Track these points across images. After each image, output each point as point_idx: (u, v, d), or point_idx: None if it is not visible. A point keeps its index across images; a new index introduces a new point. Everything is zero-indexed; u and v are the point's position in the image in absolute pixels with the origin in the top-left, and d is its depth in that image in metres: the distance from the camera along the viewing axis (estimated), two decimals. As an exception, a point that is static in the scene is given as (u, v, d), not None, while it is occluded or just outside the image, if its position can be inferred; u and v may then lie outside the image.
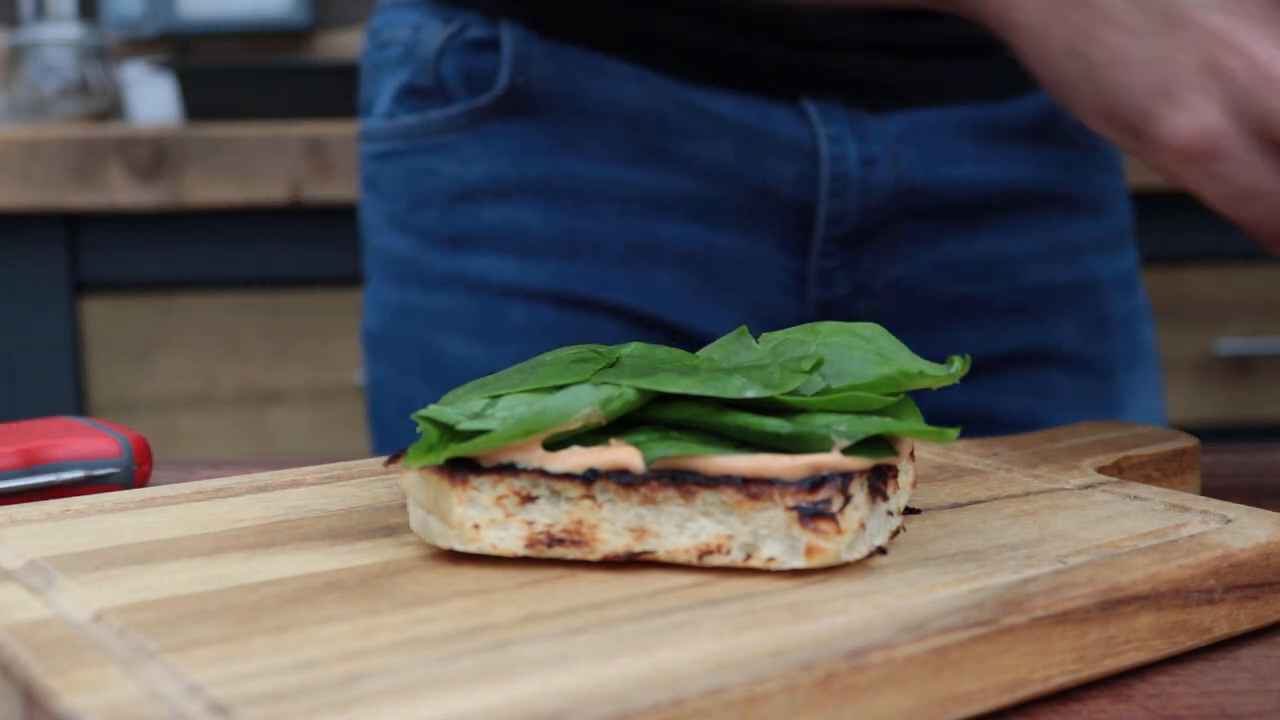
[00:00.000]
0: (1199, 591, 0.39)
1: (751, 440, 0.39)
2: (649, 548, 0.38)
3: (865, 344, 0.43)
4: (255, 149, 1.46)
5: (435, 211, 0.76)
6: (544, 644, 0.33)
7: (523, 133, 0.74)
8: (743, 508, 0.37)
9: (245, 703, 0.29)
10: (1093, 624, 0.36)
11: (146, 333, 1.52)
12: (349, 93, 1.57)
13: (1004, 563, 0.38)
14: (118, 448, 0.52)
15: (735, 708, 0.30)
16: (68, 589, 0.36)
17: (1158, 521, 0.42)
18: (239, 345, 1.53)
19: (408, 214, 0.77)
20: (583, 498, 0.38)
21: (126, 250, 1.51)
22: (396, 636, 0.33)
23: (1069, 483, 0.47)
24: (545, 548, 0.38)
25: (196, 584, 0.37)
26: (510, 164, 0.74)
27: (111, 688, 0.30)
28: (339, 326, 1.54)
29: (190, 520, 0.42)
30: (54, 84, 1.68)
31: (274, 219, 1.51)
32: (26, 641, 0.32)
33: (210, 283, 1.53)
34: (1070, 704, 0.36)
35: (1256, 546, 0.40)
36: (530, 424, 0.38)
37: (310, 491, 0.46)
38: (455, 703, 0.29)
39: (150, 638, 0.33)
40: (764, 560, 0.37)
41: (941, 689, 0.33)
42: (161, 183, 1.46)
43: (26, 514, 0.43)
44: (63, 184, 1.44)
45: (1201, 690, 0.37)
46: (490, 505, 0.38)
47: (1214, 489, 0.55)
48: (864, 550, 0.38)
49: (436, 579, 0.37)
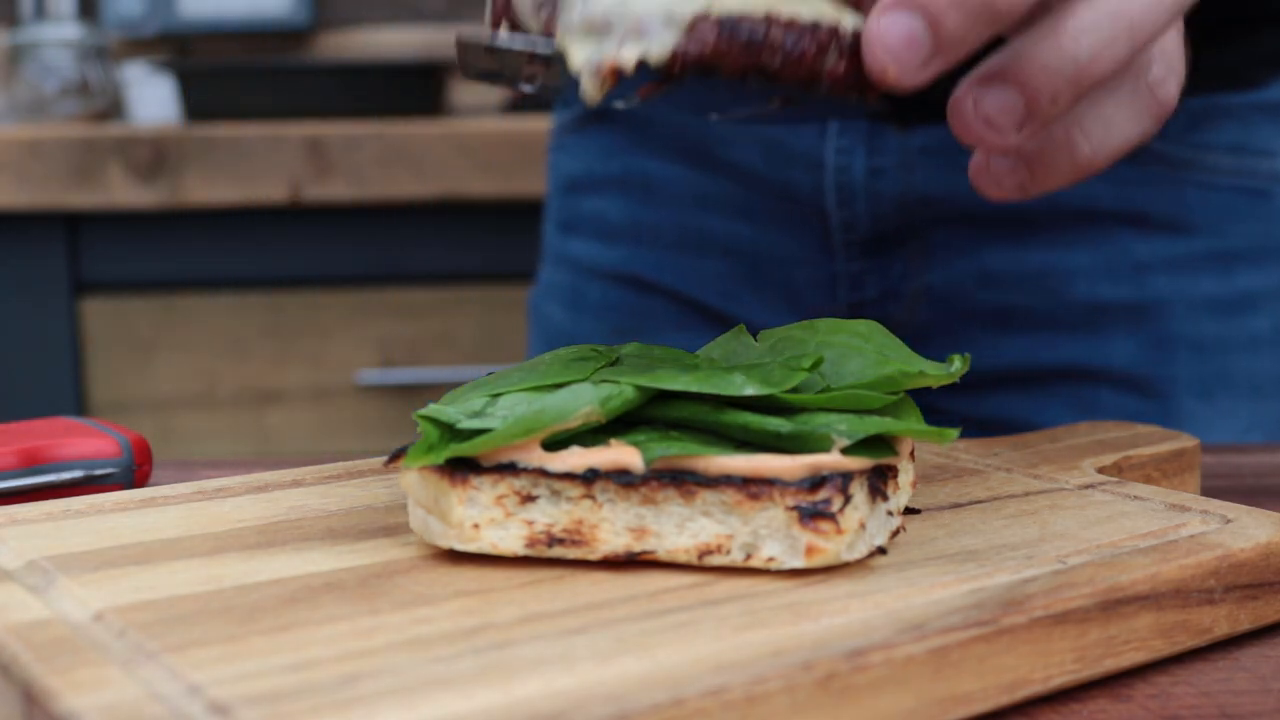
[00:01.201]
0: (1199, 591, 0.39)
1: (751, 439, 0.39)
2: (649, 548, 0.38)
3: (865, 343, 0.43)
4: (255, 149, 1.46)
5: (557, 201, 0.90)
6: (544, 644, 0.33)
7: (609, 135, 0.85)
8: (743, 508, 0.37)
9: (245, 703, 0.29)
10: (1093, 624, 0.36)
11: (146, 333, 1.52)
12: (349, 93, 1.57)
13: (1004, 563, 0.38)
14: (118, 448, 0.52)
15: (735, 708, 0.30)
16: (68, 589, 0.36)
17: (1158, 521, 0.42)
18: (239, 345, 1.53)
19: (549, 203, 0.91)
20: (583, 497, 0.38)
21: (126, 250, 1.51)
22: (396, 636, 0.33)
23: (1069, 483, 0.47)
24: (545, 547, 0.38)
25: (196, 584, 0.37)
26: (599, 162, 0.86)
27: (111, 688, 0.30)
28: (339, 326, 1.54)
29: (190, 520, 0.42)
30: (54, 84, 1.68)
31: (274, 219, 1.51)
32: (26, 641, 0.32)
33: (210, 283, 1.53)
34: (1070, 704, 0.36)
35: (1256, 546, 0.40)
36: (530, 422, 0.38)
37: (310, 491, 0.46)
38: (455, 703, 0.29)
39: (150, 638, 0.33)
40: (764, 560, 0.37)
41: (941, 689, 0.33)
42: (161, 183, 1.46)
43: (26, 514, 0.43)
44: (63, 184, 1.44)
45: (1201, 690, 0.37)
46: (490, 505, 0.38)
47: (1214, 489, 0.55)
48: (864, 550, 0.38)
49: (436, 579, 0.37)
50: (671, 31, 0.38)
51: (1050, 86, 0.40)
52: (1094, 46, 0.39)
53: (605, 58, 0.38)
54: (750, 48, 0.38)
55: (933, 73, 0.39)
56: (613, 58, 0.38)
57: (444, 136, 1.48)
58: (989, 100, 0.40)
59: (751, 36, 0.38)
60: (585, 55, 0.38)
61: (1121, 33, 0.40)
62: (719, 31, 0.38)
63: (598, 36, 0.38)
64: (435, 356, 1.55)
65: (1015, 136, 0.40)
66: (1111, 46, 0.40)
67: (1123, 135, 0.44)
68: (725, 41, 0.38)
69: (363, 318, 1.54)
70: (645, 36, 0.38)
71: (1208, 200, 0.76)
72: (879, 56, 0.39)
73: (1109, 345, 0.77)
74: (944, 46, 0.39)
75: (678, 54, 0.38)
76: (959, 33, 0.38)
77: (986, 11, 0.38)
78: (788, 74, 0.39)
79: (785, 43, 0.38)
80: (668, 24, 0.38)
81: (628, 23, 0.38)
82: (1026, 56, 0.40)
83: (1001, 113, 0.40)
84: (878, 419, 0.39)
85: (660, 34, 0.38)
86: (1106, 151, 0.43)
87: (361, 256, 1.53)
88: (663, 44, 0.38)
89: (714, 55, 0.38)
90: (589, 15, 0.38)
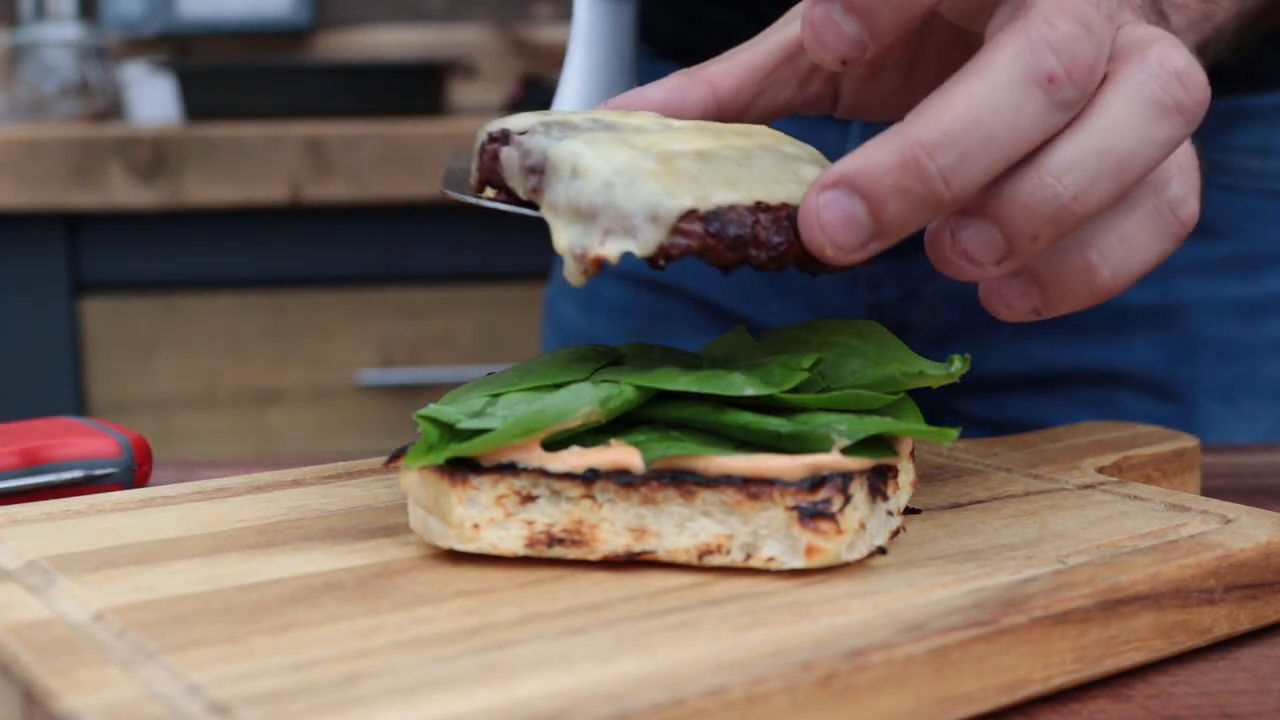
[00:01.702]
0: (1199, 591, 0.39)
1: (751, 439, 0.39)
2: (649, 548, 0.38)
3: (864, 343, 0.43)
4: (255, 149, 1.46)
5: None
6: (544, 644, 0.33)
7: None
8: (743, 508, 0.37)
9: (245, 703, 0.29)
10: (1093, 624, 0.36)
11: (146, 333, 1.52)
12: (349, 93, 1.57)
13: (1004, 563, 0.38)
14: (118, 448, 0.52)
15: (735, 708, 0.30)
16: (68, 589, 0.36)
17: (1158, 521, 0.42)
18: (239, 345, 1.53)
19: None
20: (583, 497, 0.38)
21: (126, 250, 1.51)
22: (396, 636, 0.33)
23: (1069, 483, 0.47)
24: (545, 547, 0.38)
25: (196, 584, 0.37)
26: None
27: (111, 688, 0.30)
28: (339, 326, 1.54)
29: (190, 520, 0.42)
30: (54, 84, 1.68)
31: (274, 219, 1.51)
32: (26, 641, 0.32)
33: (210, 283, 1.53)
34: (1070, 704, 0.36)
35: (1256, 546, 0.40)
36: (530, 423, 0.38)
37: (310, 491, 0.46)
38: (455, 703, 0.29)
39: (150, 638, 0.33)
40: (764, 560, 0.37)
41: (941, 689, 0.33)
42: (161, 183, 1.46)
43: (26, 514, 0.43)
44: (63, 184, 1.44)
45: (1201, 690, 0.37)
46: (490, 505, 0.38)
47: (1214, 489, 0.55)
48: (864, 550, 0.38)
49: (436, 579, 0.37)
50: (657, 229, 0.37)
51: (1031, 225, 0.38)
52: (1078, 184, 0.37)
53: (589, 249, 0.37)
54: (736, 244, 0.38)
55: (872, 253, 0.38)
56: (597, 250, 0.37)
57: (444, 136, 1.47)
58: (967, 235, 0.38)
59: (738, 234, 0.37)
60: (569, 241, 0.38)
61: (1108, 171, 0.37)
62: (705, 228, 0.37)
63: (583, 223, 0.38)
64: (435, 356, 1.55)
65: (996, 271, 0.39)
66: (1096, 184, 0.37)
67: (1143, 258, 0.41)
68: (711, 238, 0.37)
69: (363, 318, 1.54)
70: (630, 233, 0.37)
71: (1232, 203, 0.75)
72: (816, 236, 0.37)
73: (1131, 348, 0.76)
74: (884, 232, 0.37)
75: (663, 249, 0.37)
76: (900, 219, 0.37)
77: (930, 200, 0.36)
78: (773, 265, 0.38)
79: (771, 239, 0.38)
80: (653, 221, 0.37)
81: (613, 217, 0.37)
82: (1007, 194, 0.37)
83: (980, 248, 0.38)
84: (878, 419, 0.39)
85: (645, 231, 0.37)
86: (1127, 275, 0.40)
87: (361, 256, 1.53)
88: (647, 241, 0.37)
89: (700, 250, 0.37)
90: (575, 201, 0.38)
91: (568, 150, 0.38)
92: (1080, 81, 0.37)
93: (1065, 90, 0.36)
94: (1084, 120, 0.37)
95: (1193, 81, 0.38)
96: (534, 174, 0.40)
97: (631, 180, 0.37)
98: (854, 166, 0.36)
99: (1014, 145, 0.36)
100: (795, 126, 0.76)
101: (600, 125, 0.40)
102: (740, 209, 0.38)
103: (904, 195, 0.36)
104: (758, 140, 0.41)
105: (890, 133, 0.36)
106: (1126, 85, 0.38)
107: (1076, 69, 0.36)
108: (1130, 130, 0.37)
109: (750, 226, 0.38)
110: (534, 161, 0.40)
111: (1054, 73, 0.36)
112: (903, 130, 0.36)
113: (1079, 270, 0.40)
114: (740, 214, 0.38)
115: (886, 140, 0.36)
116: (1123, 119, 0.37)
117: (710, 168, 0.38)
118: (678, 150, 0.39)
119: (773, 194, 0.38)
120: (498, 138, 0.41)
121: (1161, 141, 0.38)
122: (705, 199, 0.37)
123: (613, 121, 0.41)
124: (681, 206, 0.37)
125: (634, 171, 0.37)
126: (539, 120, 0.41)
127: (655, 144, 0.39)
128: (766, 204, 0.38)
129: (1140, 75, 0.38)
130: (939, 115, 0.36)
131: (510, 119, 0.41)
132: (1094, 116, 0.37)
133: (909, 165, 0.36)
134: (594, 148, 0.38)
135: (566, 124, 0.40)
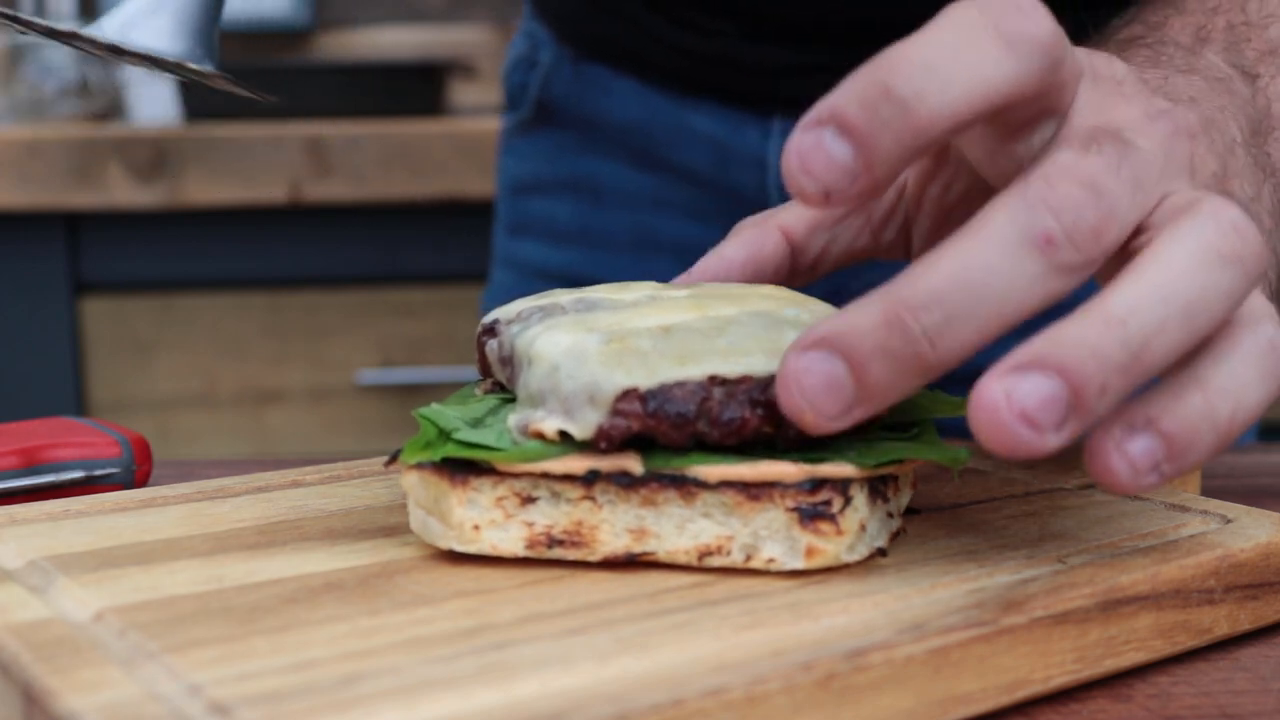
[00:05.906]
0: (1199, 591, 0.39)
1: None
2: (649, 549, 0.38)
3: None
4: (255, 149, 1.46)
5: (506, 203, 0.91)
6: (544, 644, 0.33)
7: (556, 139, 0.87)
8: (743, 509, 0.37)
9: (245, 703, 0.29)
10: (1093, 624, 0.36)
11: (146, 333, 1.52)
12: (349, 93, 1.57)
13: (1004, 563, 0.38)
14: (118, 448, 0.52)
15: (735, 708, 0.30)
16: (68, 589, 0.36)
17: (1158, 521, 0.42)
18: (239, 345, 1.53)
19: (498, 205, 0.93)
20: (583, 499, 0.38)
21: (126, 250, 1.51)
22: (396, 636, 0.33)
23: (1069, 483, 0.47)
24: (545, 549, 0.38)
25: (196, 584, 0.37)
26: (547, 164, 0.87)
27: (111, 688, 0.30)
28: (339, 326, 1.54)
29: (190, 520, 0.42)
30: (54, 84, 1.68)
31: (274, 219, 1.51)
32: (26, 641, 0.32)
33: (210, 283, 1.53)
34: (1070, 704, 0.36)
35: (1256, 546, 0.40)
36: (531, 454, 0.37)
37: (310, 491, 0.46)
38: (455, 703, 0.29)
39: (150, 638, 0.33)
40: (764, 561, 0.37)
41: (941, 689, 0.33)
42: (161, 183, 1.46)
43: (26, 514, 0.43)
44: (63, 184, 1.44)
45: (1201, 690, 0.37)
46: (490, 506, 0.38)
47: (1214, 489, 0.55)
48: (864, 551, 0.38)
49: (436, 579, 0.37)
50: (595, 410, 0.37)
51: (1100, 375, 0.32)
52: (1145, 331, 0.33)
53: (531, 423, 0.37)
54: (680, 422, 0.36)
55: (854, 421, 0.34)
56: (537, 426, 0.37)
57: (444, 136, 1.48)
58: (1025, 391, 0.32)
59: (680, 411, 0.36)
60: (514, 420, 0.38)
61: (1175, 317, 0.33)
62: (643, 408, 0.36)
63: (534, 408, 0.38)
64: (435, 356, 1.55)
65: (1055, 438, 0.33)
66: (1163, 334, 0.33)
67: (1256, 398, 0.35)
68: (651, 418, 0.36)
69: (363, 318, 1.54)
70: (570, 414, 0.37)
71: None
72: (795, 400, 0.34)
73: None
74: (868, 397, 0.34)
75: (602, 430, 0.36)
76: (884, 382, 0.34)
77: (915, 363, 0.33)
78: (728, 441, 0.37)
79: (721, 415, 0.37)
80: (591, 402, 0.37)
81: (556, 400, 0.37)
82: (1070, 340, 0.33)
83: (1043, 407, 0.32)
84: (888, 444, 0.39)
85: (585, 412, 0.37)
86: (1245, 414, 0.35)
87: (361, 256, 1.53)
88: (586, 423, 0.37)
89: (641, 430, 0.37)
90: (528, 387, 0.38)
91: (527, 338, 0.39)
92: (1082, 244, 0.34)
93: (1065, 253, 0.34)
94: (1138, 268, 0.34)
95: (1248, 231, 0.35)
96: (506, 365, 0.40)
97: (577, 362, 0.37)
98: (835, 328, 0.34)
99: (1008, 307, 0.34)
100: (723, 124, 0.77)
101: (584, 305, 0.40)
102: (690, 385, 0.36)
103: (887, 357, 0.33)
104: (753, 306, 0.40)
105: (875, 293, 0.34)
106: (1180, 234, 0.35)
107: (1078, 231, 0.34)
108: (1191, 276, 0.34)
109: (698, 403, 0.36)
110: (505, 353, 0.41)
111: (1052, 234, 0.33)
112: (887, 290, 0.34)
113: (1202, 414, 0.34)
114: (688, 390, 0.36)
115: (870, 301, 0.34)
116: (1181, 265, 0.34)
117: (667, 343, 0.37)
118: (637, 328, 0.38)
119: (733, 367, 0.37)
120: (486, 330, 0.42)
121: (1226, 290, 0.34)
122: (651, 376, 0.36)
123: (598, 299, 0.41)
124: (618, 386, 0.36)
125: (581, 353, 0.37)
126: (529, 305, 0.41)
127: (618, 323, 0.38)
128: (723, 377, 0.37)
129: (1192, 224, 0.35)
130: (925, 275, 0.33)
131: (502, 309, 0.42)
132: (1149, 264, 0.34)
133: (892, 325, 0.33)
134: (550, 332, 0.38)
135: (553, 307, 0.40)
